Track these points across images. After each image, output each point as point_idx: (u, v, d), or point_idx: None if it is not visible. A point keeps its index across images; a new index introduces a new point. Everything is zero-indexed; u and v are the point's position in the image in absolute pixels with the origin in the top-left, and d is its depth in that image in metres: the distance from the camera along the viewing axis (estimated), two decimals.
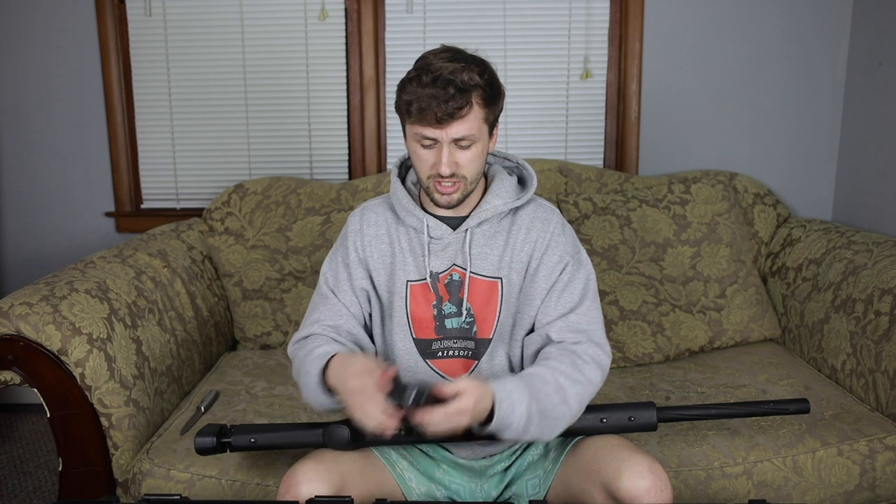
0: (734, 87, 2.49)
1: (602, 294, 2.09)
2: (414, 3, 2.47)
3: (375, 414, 1.20)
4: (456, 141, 1.29)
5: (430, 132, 1.28)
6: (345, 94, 2.54)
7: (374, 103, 2.52)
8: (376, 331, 1.46)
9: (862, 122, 2.39)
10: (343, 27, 2.51)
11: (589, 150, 2.57)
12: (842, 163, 2.49)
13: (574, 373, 1.30)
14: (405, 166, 1.49)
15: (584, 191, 2.32)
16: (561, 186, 2.32)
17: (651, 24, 2.46)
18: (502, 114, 1.41)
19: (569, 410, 1.29)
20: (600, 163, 2.57)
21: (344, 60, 2.52)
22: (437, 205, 1.37)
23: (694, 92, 2.50)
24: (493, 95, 1.31)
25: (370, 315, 1.46)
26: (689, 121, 2.52)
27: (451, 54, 1.30)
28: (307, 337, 1.40)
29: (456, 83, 1.25)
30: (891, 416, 1.73)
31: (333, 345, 1.35)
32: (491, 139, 1.37)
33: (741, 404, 1.47)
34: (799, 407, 1.44)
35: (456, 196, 1.34)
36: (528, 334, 1.40)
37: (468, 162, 1.32)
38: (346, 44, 2.51)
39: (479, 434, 1.27)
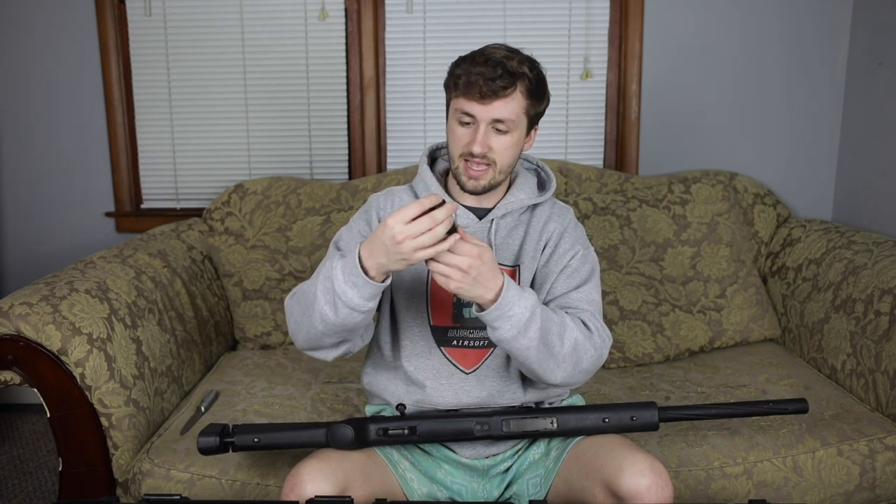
0: (734, 87, 2.49)
1: (602, 294, 2.08)
2: (414, 3, 2.47)
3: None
4: (494, 123, 1.32)
5: (472, 107, 1.32)
6: (345, 94, 2.54)
7: (374, 103, 2.52)
8: (384, 311, 1.46)
9: (862, 123, 2.39)
10: (343, 27, 2.51)
11: (589, 149, 2.57)
12: (841, 163, 2.49)
13: (578, 324, 1.35)
14: (432, 157, 1.52)
15: (584, 191, 2.32)
16: (561, 186, 2.32)
17: (651, 24, 2.46)
18: None
19: (561, 349, 1.31)
20: (600, 163, 2.57)
21: (344, 60, 2.52)
22: (463, 189, 1.39)
23: (694, 92, 2.50)
24: (537, 91, 1.35)
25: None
26: (689, 121, 2.52)
27: (508, 48, 1.36)
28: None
29: (506, 66, 1.30)
30: (891, 416, 1.73)
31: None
32: (528, 138, 1.40)
33: (741, 404, 1.48)
34: (798, 407, 1.45)
35: (483, 182, 1.36)
36: None
37: (502, 148, 1.34)
38: (346, 44, 2.51)
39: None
